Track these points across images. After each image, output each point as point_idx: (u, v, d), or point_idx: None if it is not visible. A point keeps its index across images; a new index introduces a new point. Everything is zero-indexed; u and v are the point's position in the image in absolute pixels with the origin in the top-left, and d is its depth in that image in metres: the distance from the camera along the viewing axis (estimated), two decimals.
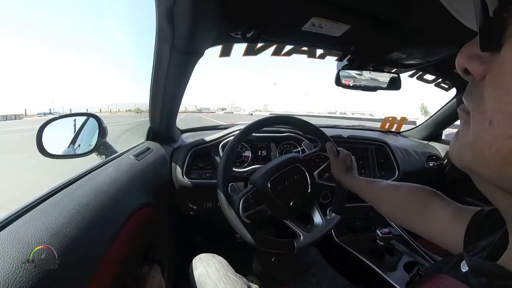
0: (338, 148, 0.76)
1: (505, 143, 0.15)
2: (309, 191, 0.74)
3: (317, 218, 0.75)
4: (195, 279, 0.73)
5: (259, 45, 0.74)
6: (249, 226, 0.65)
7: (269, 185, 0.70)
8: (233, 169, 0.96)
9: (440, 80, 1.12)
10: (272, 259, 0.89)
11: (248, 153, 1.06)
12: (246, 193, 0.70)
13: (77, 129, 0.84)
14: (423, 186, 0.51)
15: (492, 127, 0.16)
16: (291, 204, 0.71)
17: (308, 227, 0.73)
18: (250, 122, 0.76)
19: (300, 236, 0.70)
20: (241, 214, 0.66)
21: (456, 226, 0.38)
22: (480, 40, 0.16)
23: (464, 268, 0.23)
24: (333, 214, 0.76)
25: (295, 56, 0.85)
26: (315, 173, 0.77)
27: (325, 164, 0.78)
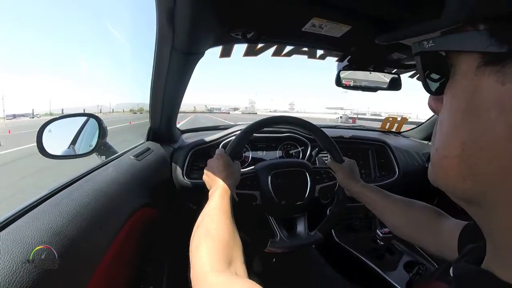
0: (343, 158, 0.76)
1: (442, 161, 0.21)
2: (304, 199, 0.73)
3: (301, 229, 0.74)
4: None
5: (260, 45, 0.74)
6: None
7: (270, 176, 0.71)
8: None
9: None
10: (273, 260, 0.89)
11: (248, 154, 1.06)
12: (245, 173, 0.71)
13: (77, 129, 0.85)
14: (431, 206, 0.55)
15: (437, 152, 0.21)
16: (282, 203, 0.71)
17: (288, 234, 0.72)
18: (251, 122, 0.76)
19: (277, 237, 0.70)
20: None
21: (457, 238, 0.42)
22: (425, 87, 0.22)
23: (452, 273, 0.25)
24: (318, 233, 0.73)
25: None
26: (317, 186, 0.76)
27: (330, 183, 0.77)
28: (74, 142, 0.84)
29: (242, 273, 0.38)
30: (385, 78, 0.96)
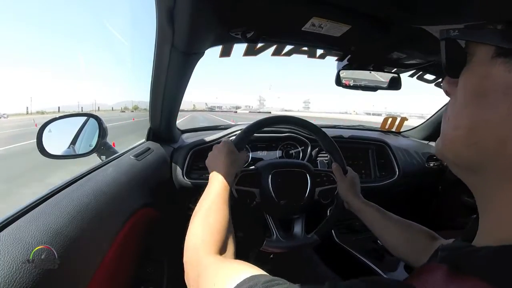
0: (347, 168, 0.75)
1: (453, 131, 0.25)
2: (304, 201, 0.73)
3: (297, 230, 0.74)
4: None
5: (259, 45, 0.74)
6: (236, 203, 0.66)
7: (271, 174, 0.72)
8: None
9: (440, 80, 1.12)
10: (271, 256, 0.89)
11: (248, 154, 1.06)
12: (246, 170, 0.72)
13: (77, 129, 0.85)
14: (428, 229, 0.56)
15: (448, 122, 0.25)
16: (281, 202, 0.71)
17: (285, 234, 0.72)
18: (251, 122, 0.76)
19: (273, 236, 0.70)
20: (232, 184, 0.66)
21: None
22: (445, 69, 0.26)
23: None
24: (315, 236, 0.72)
25: None
26: (317, 189, 0.76)
27: (330, 186, 0.77)
28: (74, 142, 0.84)
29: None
30: (385, 77, 0.96)
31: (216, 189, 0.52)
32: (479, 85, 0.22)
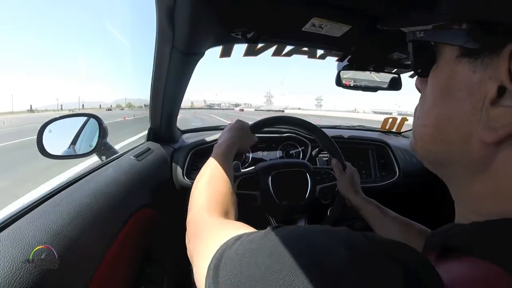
0: (346, 163, 0.74)
1: (421, 128, 0.26)
2: (305, 200, 0.73)
3: None
4: None
5: (260, 45, 0.74)
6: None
7: (270, 176, 0.72)
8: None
9: None
10: None
11: (248, 154, 1.06)
12: (246, 174, 0.72)
13: (77, 129, 0.85)
14: (427, 229, 0.55)
15: (418, 120, 0.26)
16: (282, 203, 0.71)
17: None
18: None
19: None
20: None
21: None
22: (413, 69, 0.27)
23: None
24: None
25: None
26: (318, 187, 0.76)
27: (330, 183, 0.77)
28: (74, 142, 0.84)
29: None
30: (385, 77, 0.96)
31: (221, 159, 0.54)
32: (445, 84, 0.23)
